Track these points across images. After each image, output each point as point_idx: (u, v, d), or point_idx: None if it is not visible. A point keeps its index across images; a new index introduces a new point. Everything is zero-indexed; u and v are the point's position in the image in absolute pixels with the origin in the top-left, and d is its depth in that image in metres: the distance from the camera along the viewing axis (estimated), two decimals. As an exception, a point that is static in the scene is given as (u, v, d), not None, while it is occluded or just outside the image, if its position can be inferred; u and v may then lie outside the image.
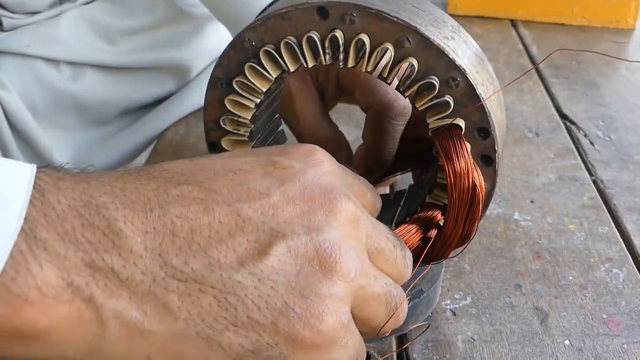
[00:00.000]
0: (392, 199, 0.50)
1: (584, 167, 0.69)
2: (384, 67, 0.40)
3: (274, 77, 0.42)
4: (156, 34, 0.78)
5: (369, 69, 0.40)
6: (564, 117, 0.80)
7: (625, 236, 0.59)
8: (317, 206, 0.33)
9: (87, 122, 0.76)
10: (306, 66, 0.41)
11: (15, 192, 0.29)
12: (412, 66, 0.39)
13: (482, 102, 0.39)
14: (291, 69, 0.41)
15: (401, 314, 0.36)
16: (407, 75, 0.40)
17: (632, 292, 0.52)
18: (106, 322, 0.30)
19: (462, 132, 0.40)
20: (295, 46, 0.40)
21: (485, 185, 0.40)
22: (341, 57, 0.40)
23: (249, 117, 0.43)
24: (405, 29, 0.39)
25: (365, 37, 0.39)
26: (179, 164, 0.34)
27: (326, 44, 0.40)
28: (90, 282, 0.29)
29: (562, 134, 0.76)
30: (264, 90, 0.42)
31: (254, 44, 0.41)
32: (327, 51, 0.40)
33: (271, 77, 0.42)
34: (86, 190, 0.31)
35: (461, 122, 0.40)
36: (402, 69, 0.40)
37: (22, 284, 0.28)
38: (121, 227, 0.30)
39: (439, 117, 0.40)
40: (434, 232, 0.43)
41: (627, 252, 0.57)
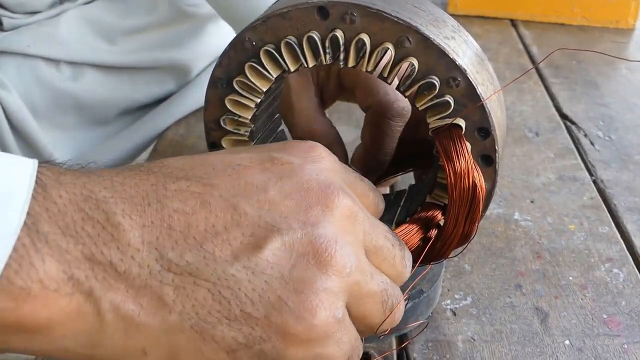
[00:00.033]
0: (392, 199, 0.50)
1: (584, 167, 0.69)
2: (384, 66, 0.40)
3: (274, 76, 0.42)
4: (156, 33, 0.78)
5: (370, 69, 0.40)
6: (564, 117, 0.80)
7: (625, 236, 0.59)
8: (313, 201, 0.33)
9: (87, 122, 0.76)
10: (306, 66, 0.41)
11: (17, 187, 0.29)
12: (413, 66, 0.39)
13: (482, 102, 0.39)
14: (291, 69, 0.41)
15: (397, 313, 0.36)
16: (407, 75, 0.40)
17: (632, 292, 0.52)
18: (104, 315, 0.30)
19: (463, 132, 0.40)
20: (295, 46, 0.40)
21: (485, 185, 0.40)
22: (341, 56, 0.40)
23: (249, 117, 0.43)
24: (405, 29, 0.39)
25: (365, 37, 0.39)
26: (179, 160, 0.34)
27: (326, 44, 0.40)
28: (89, 276, 0.30)
29: (562, 134, 0.76)
30: (264, 90, 0.42)
31: (254, 43, 0.41)
32: (327, 51, 0.40)
33: (271, 76, 0.42)
34: (87, 184, 0.31)
35: (461, 122, 0.40)
36: (402, 68, 0.40)
37: (25, 277, 0.28)
38: (120, 221, 0.30)
39: (439, 116, 0.40)
40: (434, 232, 0.43)
41: (627, 252, 0.57)
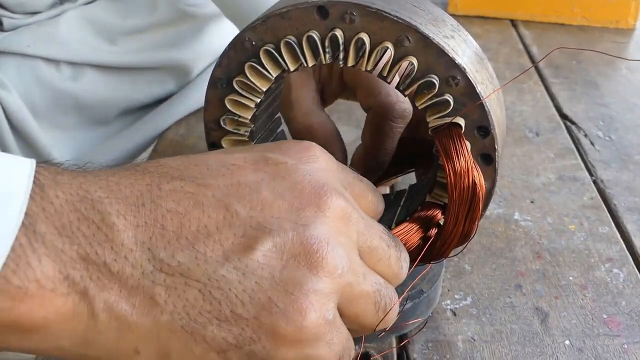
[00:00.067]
0: (392, 198, 0.50)
1: (584, 167, 0.69)
2: (384, 66, 0.40)
3: (274, 76, 0.42)
4: (157, 33, 0.78)
5: (369, 68, 0.40)
6: (564, 117, 0.80)
7: (625, 236, 0.59)
8: (306, 202, 0.33)
9: (87, 122, 0.76)
10: (306, 65, 0.41)
11: (15, 187, 0.29)
12: (412, 65, 0.39)
13: (482, 101, 0.39)
14: (291, 69, 0.41)
15: (391, 313, 0.36)
16: (407, 74, 0.40)
17: (632, 292, 0.52)
18: (98, 315, 0.30)
19: (462, 130, 0.40)
20: (295, 45, 0.40)
21: (485, 184, 0.40)
22: (341, 56, 0.40)
23: (249, 117, 0.43)
24: (405, 28, 0.39)
25: (365, 36, 0.39)
26: (175, 160, 0.34)
27: (326, 43, 0.40)
28: (84, 276, 0.30)
29: (562, 134, 0.76)
30: (264, 89, 0.42)
31: (254, 43, 0.41)
32: (327, 50, 0.40)
33: (271, 76, 0.42)
34: (83, 185, 0.31)
35: (461, 121, 0.40)
36: (402, 67, 0.40)
37: (22, 277, 0.28)
38: (114, 221, 0.30)
39: (438, 115, 0.40)
40: (434, 231, 0.43)
41: (627, 252, 0.57)
